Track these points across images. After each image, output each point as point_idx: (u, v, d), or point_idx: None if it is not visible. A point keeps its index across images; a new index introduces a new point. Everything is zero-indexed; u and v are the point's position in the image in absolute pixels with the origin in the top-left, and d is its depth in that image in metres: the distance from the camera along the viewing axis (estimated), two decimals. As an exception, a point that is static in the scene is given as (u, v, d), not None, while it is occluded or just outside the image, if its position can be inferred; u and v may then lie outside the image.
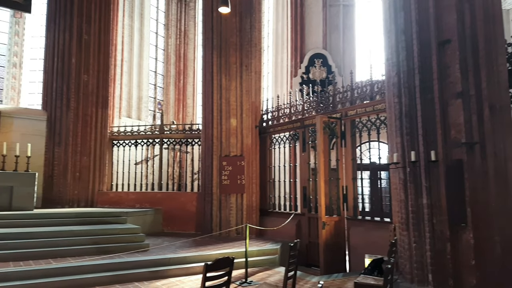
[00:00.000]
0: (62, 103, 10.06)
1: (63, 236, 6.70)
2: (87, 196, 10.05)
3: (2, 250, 5.87)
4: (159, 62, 15.60)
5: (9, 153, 8.76)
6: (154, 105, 15.17)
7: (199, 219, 9.47)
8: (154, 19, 15.42)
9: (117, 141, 10.89)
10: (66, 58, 10.15)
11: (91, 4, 10.49)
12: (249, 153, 9.34)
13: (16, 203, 8.02)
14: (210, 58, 9.62)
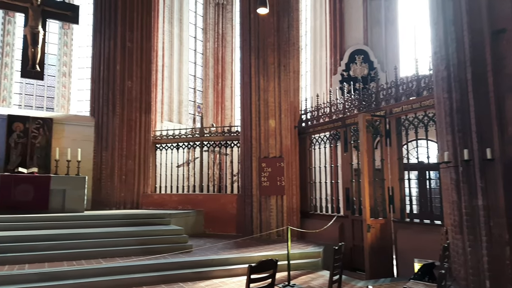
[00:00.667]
0: (108, 109, 10.49)
1: (111, 237, 6.96)
2: (133, 198, 10.39)
3: (56, 250, 6.19)
4: (198, 66, 15.89)
5: (61, 158, 9.27)
6: (194, 108, 15.47)
7: (240, 220, 9.50)
8: (193, 24, 15.74)
9: (159, 144, 11.20)
10: (111, 65, 10.58)
11: (134, 13, 10.87)
12: (289, 154, 9.24)
13: (69, 205, 8.44)
14: (247, 60, 9.63)
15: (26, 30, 10.09)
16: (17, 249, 6.02)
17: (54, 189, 8.42)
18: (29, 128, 9.67)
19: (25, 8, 10.07)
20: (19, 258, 5.81)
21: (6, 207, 7.93)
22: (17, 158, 9.45)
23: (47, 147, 9.84)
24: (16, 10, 11.07)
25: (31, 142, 9.65)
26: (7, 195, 8.01)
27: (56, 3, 11.30)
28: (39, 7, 10.05)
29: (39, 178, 8.46)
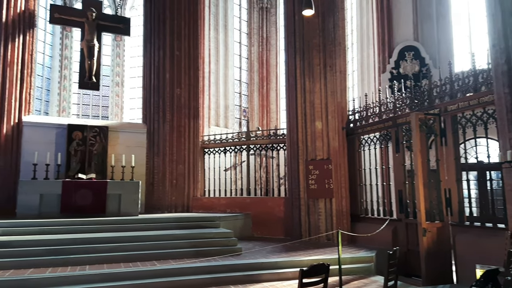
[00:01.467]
0: (159, 116, 10.91)
1: (165, 239, 7.21)
2: (183, 201, 10.71)
3: (114, 252, 6.51)
4: (243, 70, 16.10)
5: (117, 164, 9.77)
6: (239, 112, 15.67)
7: (288, 224, 9.44)
8: (237, 29, 15.98)
9: (207, 149, 11.46)
10: (161, 74, 11.01)
11: (181, 22, 11.25)
12: (337, 156, 9.05)
13: (124, 209, 8.88)
14: (292, 62, 9.59)
15: (83, 44, 10.80)
16: (79, 251, 6.41)
17: (110, 193, 8.89)
18: (87, 136, 10.28)
19: (81, 23, 10.78)
20: (81, 259, 6.16)
21: (68, 210, 8.49)
22: (76, 164, 10.08)
23: (104, 154, 10.41)
24: (73, 25, 11.91)
25: (89, 150, 10.25)
26: (68, 199, 8.58)
27: (109, 16, 11.97)
28: (94, 21, 10.71)
29: (97, 184, 8.98)
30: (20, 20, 9.90)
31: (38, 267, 5.77)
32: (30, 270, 5.59)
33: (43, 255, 6.11)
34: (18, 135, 9.70)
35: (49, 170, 9.13)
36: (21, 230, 7.07)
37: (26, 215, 8.13)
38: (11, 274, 5.36)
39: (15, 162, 9.54)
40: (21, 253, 6.10)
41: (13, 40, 9.70)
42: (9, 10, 9.67)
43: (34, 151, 9.22)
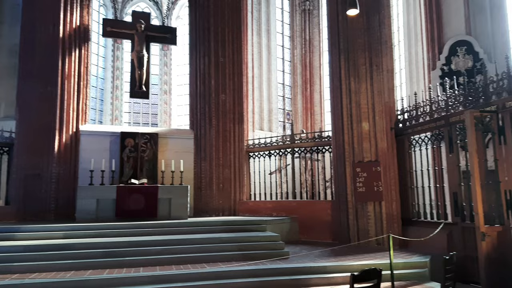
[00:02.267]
0: (205, 122, 11.19)
1: (213, 242, 7.35)
2: (230, 205, 10.87)
3: (165, 255, 6.74)
4: (286, 73, 16.09)
5: (166, 169, 10.14)
6: (283, 116, 15.66)
7: (335, 228, 9.26)
8: (280, 33, 16.01)
9: (252, 153, 11.56)
10: (207, 81, 11.30)
11: (225, 29, 11.50)
12: (385, 157, 8.75)
13: (174, 213, 9.18)
14: (337, 63, 9.43)
15: (133, 55, 11.35)
16: (133, 253, 6.69)
17: (161, 198, 9.23)
18: (139, 143, 10.76)
19: (131, 35, 11.35)
20: (135, 261, 6.43)
21: (122, 214, 8.93)
22: (129, 170, 10.57)
23: (154, 160, 10.83)
24: (124, 38, 12.56)
25: (141, 156, 10.72)
26: (123, 204, 9.01)
27: (157, 27, 12.52)
28: (143, 32, 11.24)
29: (148, 188, 9.37)
30: (76, 35, 10.60)
31: (96, 268, 6.10)
32: (89, 272, 5.93)
33: (100, 257, 6.45)
34: (76, 143, 10.35)
35: (104, 176, 9.65)
36: (80, 233, 7.52)
37: (84, 219, 8.66)
38: (72, 275, 5.72)
39: (74, 169, 10.19)
40: (81, 255, 6.48)
41: (70, 54, 10.40)
42: (66, 26, 10.38)
43: (90, 158, 9.80)
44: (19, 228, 7.52)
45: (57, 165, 9.83)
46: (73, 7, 10.55)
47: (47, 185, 9.65)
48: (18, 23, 11.03)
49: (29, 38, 10.08)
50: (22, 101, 9.90)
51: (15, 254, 6.32)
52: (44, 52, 10.02)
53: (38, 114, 9.80)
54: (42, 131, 9.77)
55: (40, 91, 9.88)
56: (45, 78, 9.94)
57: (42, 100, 9.86)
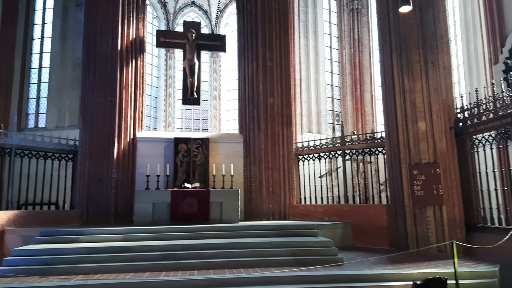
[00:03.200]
0: (254, 126, 11.27)
1: (265, 247, 7.32)
2: (280, 209, 10.81)
3: (218, 258, 6.82)
4: (335, 74, 15.76)
5: (217, 173, 10.32)
6: (332, 117, 15.34)
7: (392, 233, 8.85)
8: (327, 34, 15.75)
9: (301, 156, 11.43)
10: (255, 85, 11.39)
11: (273, 34, 11.55)
12: (445, 159, 8.23)
13: (225, 216, 9.30)
14: (389, 61, 9.06)
15: (185, 63, 11.76)
16: (187, 256, 6.84)
17: (213, 201, 9.40)
18: (191, 148, 11.08)
19: (183, 44, 11.79)
20: (189, 264, 6.57)
21: (176, 218, 9.21)
22: (182, 175, 10.92)
23: (205, 164, 11.09)
24: (176, 47, 13.08)
25: (193, 160, 11.03)
26: (176, 207, 9.30)
27: (207, 36, 12.89)
28: (194, 41, 11.64)
29: (201, 192, 9.58)
30: (132, 47, 11.20)
31: (153, 271, 6.31)
32: (147, 274, 6.15)
33: (157, 260, 6.68)
34: (133, 149, 10.89)
35: (159, 180, 10.03)
36: (138, 236, 7.85)
37: (141, 222, 9.05)
38: (132, 277, 5.97)
39: (131, 174, 10.73)
40: (139, 257, 6.75)
41: (127, 65, 10.99)
42: (123, 39, 11.01)
43: (146, 163, 10.25)
44: (83, 231, 8.01)
45: (117, 170, 10.40)
46: (129, 21, 11.17)
47: (107, 190, 10.24)
48: (80, 38, 11.90)
49: (90, 51, 10.80)
50: (84, 111, 10.62)
51: (80, 256, 6.74)
52: (104, 64, 10.69)
53: (99, 123, 10.46)
54: (103, 138, 10.41)
55: (101, 101, 10.54)
56: (105, 88, 10.60)
57: (102, 110, 10.52)
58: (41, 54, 13.80)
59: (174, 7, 17.10)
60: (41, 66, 13.69)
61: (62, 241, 7.45)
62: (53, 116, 12.75)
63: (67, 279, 5.78)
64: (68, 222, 9.74)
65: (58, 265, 6.34)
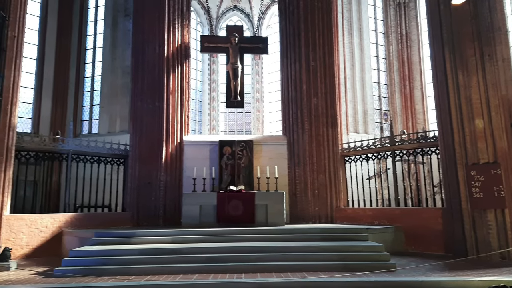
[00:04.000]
0: (298, 127, 11.12)
1: (311, 251, 7.18)
2: (327, 212, 10.55)
3: (265, 261, 6.76)
4: (381, 72, 15.19)
5: (261, 175, 10.27)
6: (380, 116, 14.78)
7: (448, 238, 8.32)
8: (373, 30, 15.22)
9: (348, 157, 11.10)
10: (298, 86, 11.24)
11: (315, 33, 11.33)
12: (506, 158, 7.63)
13: (271, 219, 9.23)
14: (440, 56, 8.56)
15: (228, 67, 11.89)
16: (234, 259, 6.85)
17: (258, 204, 9.37)
18: (235, 151, 11.15)
19: (226, 48, 11.93)
20: (237, 267, 6.56)
21: (222, 220, 9.28)
22: (227, 177, 11.01)
23: (250, 166, 11.11)
24: (219, 51, 13.26)
25: (237, 163, 11.09)
26: (222, 210, 9.37)
27: (249, 39, 12.95)
28: (236, 45, 11.75)
29: (246, 195, 9.59)
30: (178, 53, 11.51)
31: (202, 273, 6.38)
32: (195, 276, 6.23)
33: (204, 262, 6.76)
34: (180, 153, 11.16)
35: (205, 183, 10.18)
36: (186, 238, 7.98)
37: (189, 224, 9.22)
38: (181, 279, 6.06)
39: (179, 177, 10.99)
40: (187, 259, 6.86)
41: (173, 71, 11.30)
42: (169, 46, 11.34)
43: (193, 166, 10.45)
44: (134, 232, 8.30)
45: (165, 173, 10.70)
46: (175, 28, 11.50)
47: (156, 193, 10.56)
48: (129, 46, 12.41)
49: (138, 59, 11.23)
50: (134, 117, 11.05)
51: (132, 257, 6.96)
52: (152, 71, 11.07)
53: (148, 128, 10.83)
54: (151, 143, 10.77)
55: (149, 106, 10.91)
56: (153, 94, 10.96)
57: (151, 115, 10.89)
58: (93, 63, 14.55)
59: (217, 12, 17.37)
60: (94, 74, 14.43)
61: (115, 243, 7.75)
62: (105, 122, 13.37)
63: (121, 279, 5.98)
64: (120, 224, 10.15)
65: (112, 266, 6.59)
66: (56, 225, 9.07)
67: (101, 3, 14.73)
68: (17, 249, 8.33)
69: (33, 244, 8.65)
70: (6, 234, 8.17)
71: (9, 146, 8.37)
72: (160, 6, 11.33)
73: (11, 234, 8.31)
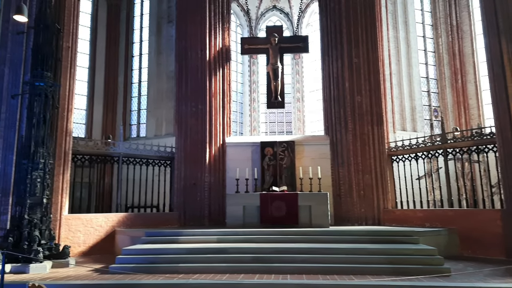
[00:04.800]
0: (341, 126, 10.86)
1: (359, 253, 6.97)
2: (373, 213, 10.20)
3: (310, 263, 6.66)
4: (430, 66, 14.44)
5: (304, 176, 10.17)
6: (429, 113, 14.07)
7: (509, 242, 7.73)
8: (420, 23, 14.53)
9: (395, 156, 10.68)
10: (340, 84, 10.98)
11: (358, 29, 11.01)
12: None
13: (315, 221, 9.10)
14: (496, 47, 8.02)
15: (268, 68, 11.88)
16: (279, 260, 6.82)
17: (301, 205, 9.27)
18: (277, 152, 11.11)
19: (266, 49, 11.95)
20: (282, 268, 6.52)
21: (265, 221, 9.27)
22: (270, 178, 11.00)
23: (292, 167, 11.03)
24: (260, 53, 13.31)
25: (279, 164, 11.05)
26: (265, 211, 9.37)
27: (289, 38, 12.87)
28: (276, 45, 11.73)
29: (288, 196, 9.52)
30: (219, 57, 11.70)
31: (247, 273, 6.39)
32: (241, 276, 6.26)
33: (249, 262, 6.77)
34: (223, 154, 11.33)
35: (248, 184, 10.23)
36: (231, 238, 8.07)
37: (233, 224, 9.31)
38: (227, 278, 6.12)
39: (222, 178, 11.15)
40: (233, 259, 6.91)
41: (215, 74, 11.50)
42: (211, 49, 11.55)
43: (235, 167, 10.56)
44: (182, 232, 8.52)
45: (209, 174, 10.92)
46: (216, 32, 11.70)
47: (201, 193, 10.79)
48: (172, 52, 12.78)
49: (182, 64, 11.55)
50: (179, 120, 11.37)
51: (181, 256, 7.14)
52: (195, 75, 11.33)
53: (192, 130, 11.10)
54: (195, 145, 11.02)
55: (193, 109, 11.18)
56: (196, 98, 11.23)
57: (194, 118, 11.15)
58: (140, 69, 15.15)
59: (256, 13, 17.43)
60: (140, 80, 15.02)
61: (164, 242, 8.01)
62: (152, 125, 13.85)
63: (170, 277, 6.15)
64: (168, 223, 10.46)
65: (162, 264, 6.81)
66: (109, 224, 9.53)
67: (146, 11, 15.30)
68: (75, 247, 8.83)
69: (89, 242, 9.15)
70: (65, 232, 8.72)
71: (67, 150, 8.93)
72: (201, 11, 11.56)
73: (69, 233, 8.84)
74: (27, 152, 7.38)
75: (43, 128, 7.55)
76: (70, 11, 9.31)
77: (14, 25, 8.34)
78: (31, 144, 7.40)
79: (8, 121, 8.13)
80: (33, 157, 7.36)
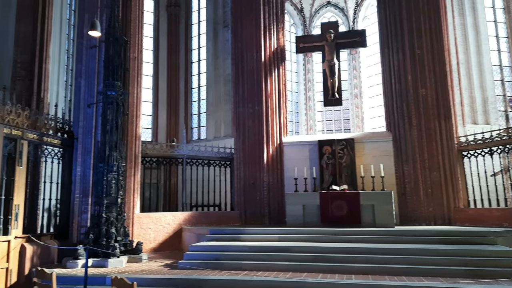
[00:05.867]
0: (404, 122, 10.38)
1: (427, 254, 6.62)
2: (443, 213, 9.61)
3: (374, 263, 6.46)
4: (503, 53, 13.29)
5: (366, 174, 9.86)
6: (504, 104, 12.95)
7: None
8: (490, 7, 13.44)
9: (466, 151, 9.97)
10: (402, 77, 10.49)
11: (420, 18, 10.43)
12: None
13: (379, 220, 8.80)
14: None
15: (324, 65, 11.72)
16: (341, 259, 6.70)
17: (363, 204, 9.02)
18: (335, 150, 10.91)
19: (321, 46, 11.80)
20: (345, 268, 6.40)
21: (326, 220, 9.15)
22: (329, 177, 10.83)
23: (352, 165, 10.76)
24: (315, 50, 13.18)
25: (338, 162, 10.84)
26: (326, 210, 9.24)
27: (345, 33, 12.61)
28: (332, 41, 11.52)
29: (350, 195, 9.31)
30: (274, 57, 11.78)
31: (310, 272, 6.37)
32: (304, 274, 6.25)
33: (311, 261, 6.74)
34: (280, 154, 11.39)
35: (307, 183, 10.18)
36: (292, 237, 8.10)
37: (293, 223, 9.33)
38: (290, 276, 6.15)
39: (280, 177, 11.22)
40: (295, 258, 6.94)
41: (270, 75, 11.60)
42: (266, 51, 11.67)
43: (293, 167, 10.57)
44: (243, 230, 8.72)
45: (267, 174, 11.04)
46: (270, 33, 11.82)
47: (260, 193, 10.96)
48: (229, 56, 13.15)
49: (238, 67, 11.81)
50: (237, 121, 11.65)
51: (243, 253, 7.31)
52: (251, 77, 11.54)
53: (250, 131, 11.31)
54: (253, 145, 11.22)
55: (250, 111, 11.39)
56: (253, 99, 11.41)
57: (252, 119, 11.35)
58: (199, 75, 15.78)
59: (310, 11, 17.28)
60: (200, 85, 15.64)
61: (227, 239, 8.28)
62: (211, 128, 14.35)
63: (235, 274, 6.33)
64: (229, 222, 10.77)
65: (226, 261, 7.04)
66: (176, 222, 10.04)
67: (203, 18, 15.88)
68: (146, 244, 9.43)
69: (159, 239, 9.72)
70: (137, 230, 9.35)
71: (136, 153, 9.57)
72: (255, 13, 11.72)
73: (141, 230, 9.45)
74: (103, 156, 8.03)
75: (115, 134, 8.16)
76: (135, 23, 9.95)
77: (87, 40, 9.10)
78: (106, 148, 8.04)
79: (85, 128, 8.89)
80: (108, 160, 7.99)
